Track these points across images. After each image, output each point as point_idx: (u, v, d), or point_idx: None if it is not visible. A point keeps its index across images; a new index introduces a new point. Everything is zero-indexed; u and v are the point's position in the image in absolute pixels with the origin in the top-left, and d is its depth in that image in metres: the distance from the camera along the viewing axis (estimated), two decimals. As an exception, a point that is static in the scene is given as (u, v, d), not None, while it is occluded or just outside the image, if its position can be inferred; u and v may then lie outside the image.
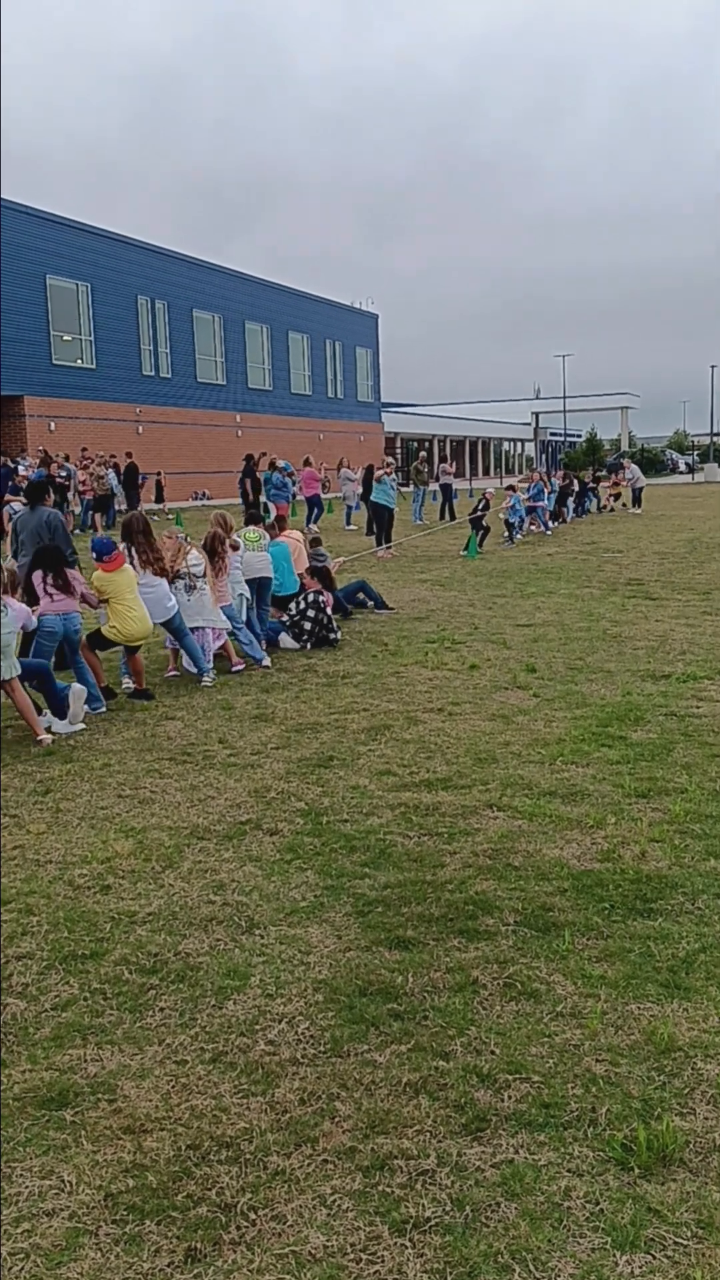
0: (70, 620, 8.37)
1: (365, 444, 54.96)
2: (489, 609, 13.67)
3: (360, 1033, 3.60)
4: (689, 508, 34.43)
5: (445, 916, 4.50)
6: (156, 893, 4.85)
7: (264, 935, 4.39)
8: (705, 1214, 2.72)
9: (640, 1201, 2.77)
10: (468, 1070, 3.35)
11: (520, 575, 17.30)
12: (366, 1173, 2.89)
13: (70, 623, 8.37)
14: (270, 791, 6.28)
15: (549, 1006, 3.76)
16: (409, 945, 4.25)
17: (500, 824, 5.66)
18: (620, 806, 5.87)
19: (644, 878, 4.86)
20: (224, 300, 45.41)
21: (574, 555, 20.31)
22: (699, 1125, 3.09)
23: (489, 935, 4.32)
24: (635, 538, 23.69)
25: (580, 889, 4.75)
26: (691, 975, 3.96)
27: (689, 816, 5.65)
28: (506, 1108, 3.17)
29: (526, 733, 7.51)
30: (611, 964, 4.06)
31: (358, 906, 4.64)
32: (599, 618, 12.63)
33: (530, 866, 5.05)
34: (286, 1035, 3.60)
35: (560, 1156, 2.95)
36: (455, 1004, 3.77)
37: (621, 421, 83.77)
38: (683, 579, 16.16)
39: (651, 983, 3.91)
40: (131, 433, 38.83)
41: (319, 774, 6.63)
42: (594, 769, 6.59)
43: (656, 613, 12.95)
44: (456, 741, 7.32)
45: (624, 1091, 3.25)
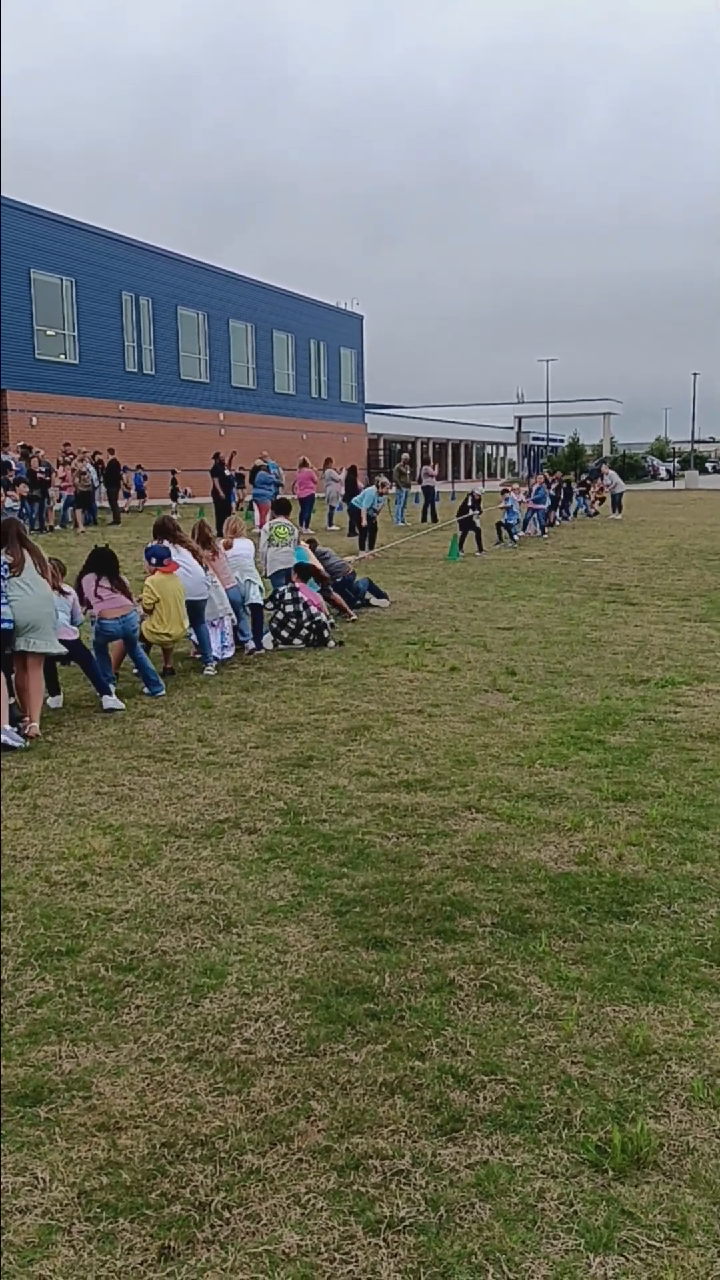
0: (128, 621, 8.73)
1: (348, 445, 54.99)
2: (470, 612, 13.70)
3: (337, 1032, 3.60)
4: (670, 514, 34.60)
5: (423, 917, 4.51)
6: (134, 890, 4.83)
7: (241, 934, 4.38)
8: (678, 1216, 2.73)
9: (614, 1203, 2.78)
10: (443, 1071, 3.36)
11: (501, 579, 17.34)
12: (341, 1172, 2.89)
13: (128, 624, 8.74)
14: (249, 790, 6.27)
15: (525, 1008, 3.77)
16: (386, 945, 4.25)
17: (479, 826, 5.67)
18: (598, 810, 5.89)
19: (621, 881, 4.88)
20: (209, 298, 45.36)
21: (555, 560, 20.38)
22: (673, 1128, 3.10)
23: (466, 936, 4.33)
24: (616, 543, 23.80)
25: (557, 891, 4.77)
26: (667, 979, 3.97)
27: (666, 820, 5.68)
28: (482, 1108, 3.17)
29: (506, 735, 7.53)
30: (588, 966, 4.07)
31: (335, 906, 4.64)
32: (579, 622, 12.69)
33: (508, 868, 5.06)
34: (263, 1034, 3.59)
35: (535, 1158, 2.96)
36: (432, 1004, 3.77)
37: (604, 427, 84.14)
38: (662, 585, 16.25)
39: (627, 985, 3.93)
40: (114, 429, 38.72)
41: (298, 773, 6.63)
42: (572, 772, 6.61)
43: (636, 618, 13.01)
44: (436, 743, 7.33)
45: (599, 1094, 3.26)
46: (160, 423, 41.69)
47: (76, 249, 37.76)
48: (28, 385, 35.22)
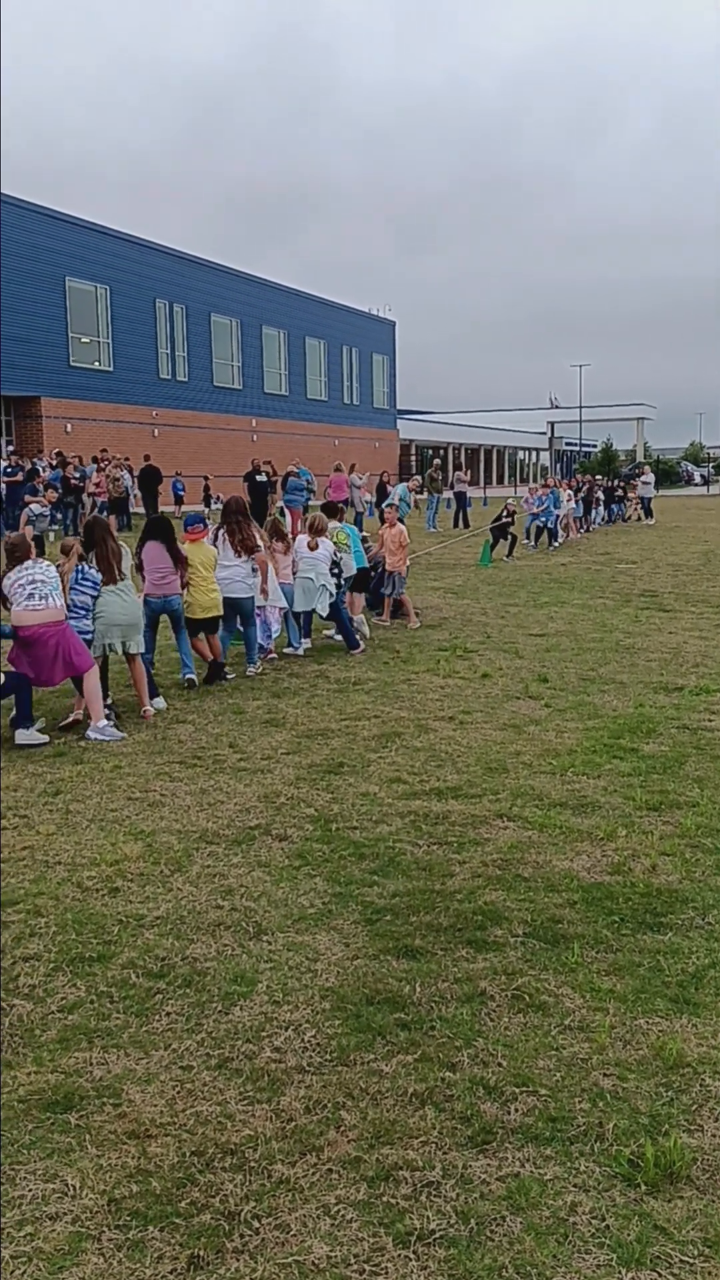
0: (169, 602, 9.15)
1: (380, 451, 55.04)
2: (501, 618, 13.66)
3: (367, 1042, 3.58)
4: (704, 519, 34.33)
5: (454, 926, 4.49)
6: (165, 896, 4.84)
7: (271, 941, 4.38)
8: (712, 1232, 2.70)
9: (647, 1218, 2.75)
10: (474, 1082, 3.34)
11: (533, 585, 17.27)
12: (371, 1183, 2.88)
13: (169, 604, 9.16)
14: (280, 797, 6.28)
15: (557, 1019, 3.74)
16: (417, 954, 4.24)
17: (510, 834, 5.64)
18: (631, 819, 5.84)
19: (654, 891, 4.83)
20: (242, 305, 45.57)
21: (587, 566, 20.27)
22: (707, 1143, 3.06)
23: (497, 946, 4.30)
24: (649, 549, 23.64)
25: (590, 901, 4.73)
26: (701, 991, 3.93)
27: (700, 830, 5.62)
28: (513, 1121, 3.15)
29: (538, 743, 7.49)
30: (620, 978, 4.03)
31: (366, 914, 4.63)
32: (612, 629, 12.60)
33: (540, 878, 5.02)
34: (293, 1043, 3.59)
35: (566, 1171, 2.93)
36: (463, 1015, 3.75)
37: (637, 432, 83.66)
38: (696, 591, 16.12)
39: (660, 997, 3.89)
40: (147, 435, 38.96)
41: (329, 780, 6.62)
42: (605, 781, 6.57)
43: (670, 625, 12.91)
44: (467, 750, 7.31)
45: (631, 1107, 3.22)
46: (194, 429, 41.92)
47: (111, 256, 38.08)
48: (62, 392, 35.53)
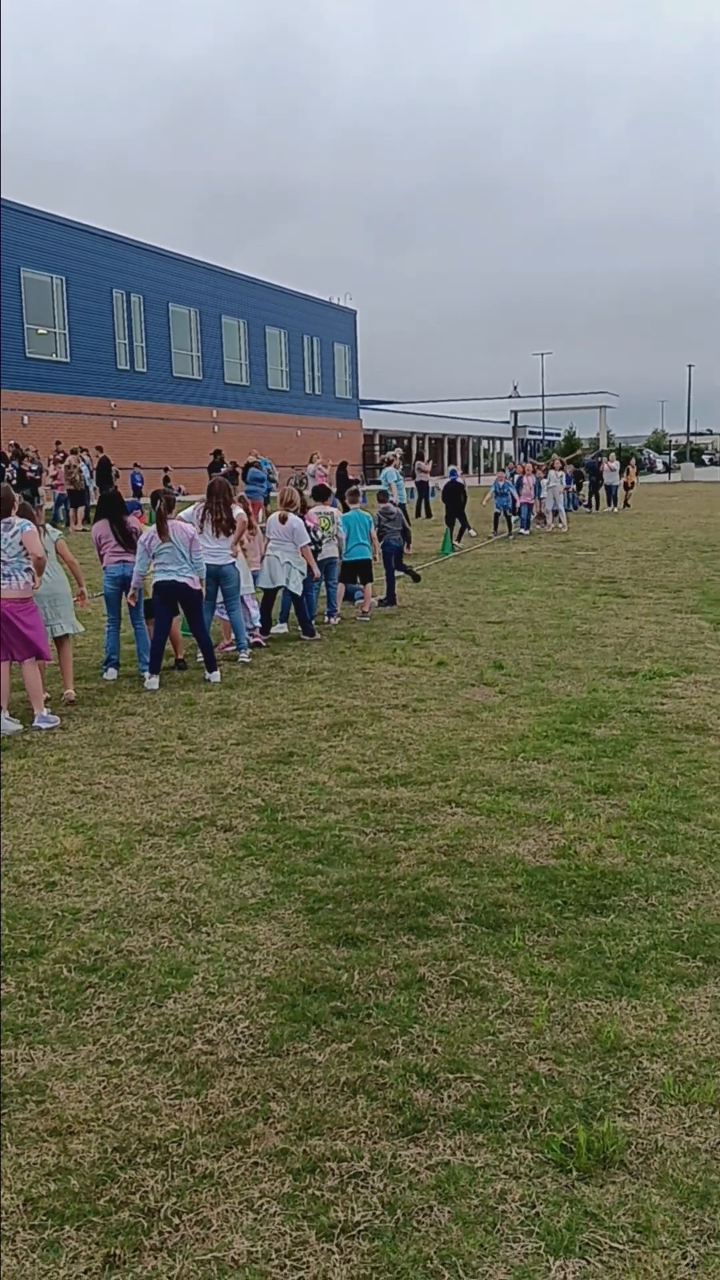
0: (125, 567, 9.30)
1: (343, 440, 54.88)
2: (460, 606, 13.62)
3: (301, 1031, 3.52)
4: (665, 506, 34.51)
5: (396, 913, 4.43)
6: (103, 890, 4.75)
7: (210, 933, 4.30)
8: (643, 1217, 2.66)
9: (577, 1205, 2.71)
10: (408, 1069, 3.28)
11: (493, 573, 17.26)
12: (297, 1176, 2.81)
13: (125, 569, 9.30)
14: (227, 787, 6.19)
15: (495, 1004, 3.69)
16: (357, 942, 4.18)
17: (458, 820, 5.59)
18: (579, 803, 5.81)
19: (599, 874, 4.80)
20: (200, 294, 45.20)
21: (548, 553, 20.29)
22: (641, 1126, 3.02)
23: (439, 932, 4.25)
24: (610, 536, 23.71)
25: (534, 885, 4.69)
26: (641, 973, 3.90)
27: (647, 813, 5.60)
28: (445, 1108, 3.10)
29: (490, 729, 7.45)
30: (561, 961, 3.99)
31: (308, 903, 4.56)
32: (569, 615, 12.61)
33: (485, 863, 4.98)
34: (225, 1034, 3.52)
35: (498, 1158, 2.88)
36: (400, 1001, 3.70)
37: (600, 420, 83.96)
38: (655, 577, 16.17)
39: (600, 980, 3.85)
40: (106, 427, 38.60)
41: (278, 770, 6.55)
42: (555, 765, 6.54)
43: (627, 610, 12.93)
44: (419, 738, 7.25)
45: (567, 1091, 3.18)
46: (153, 420, 41.55)
47: (66, 247, 37.61)
48: (19, 384, 35.07)
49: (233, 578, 10.04)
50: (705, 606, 13.08)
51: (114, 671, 9.35)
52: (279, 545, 10.74)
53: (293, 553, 10.75)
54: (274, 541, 10.76)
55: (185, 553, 9.06)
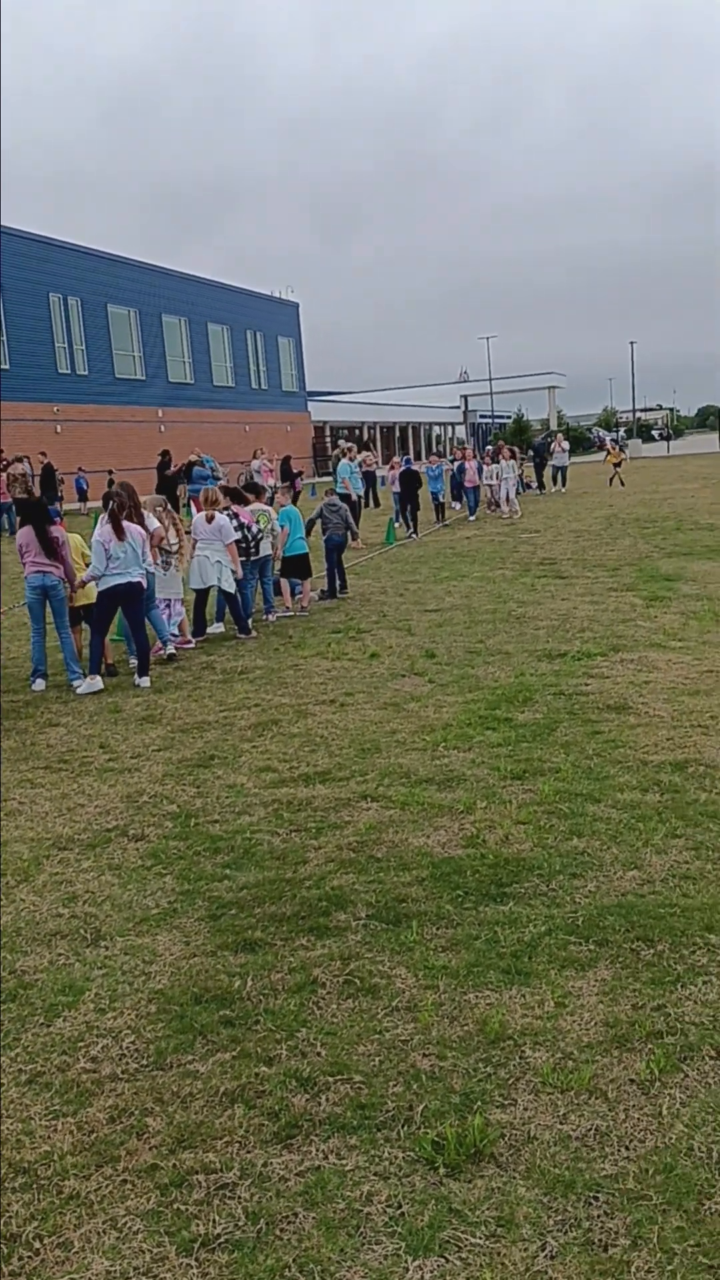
0: (46, 578, 9.12)
1: (293, 433, 54.74)
2: (400, 596, 13.63)
3: (187, 1043, 3.50)
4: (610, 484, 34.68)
5: (297, 915, 4.42)
6: (5, 909, 4.70)
7: (109, 947, 4.27)
8: (507, 1210, 2.67)
9: (443, 1202, 2.71)
10: (289, 1075, 3.27)
11: (436, 560, 17.28)
12: (164, 1191, 2.80)
13: (46, 579, 9.12)
14: (143, 795, 6.15)
15: (385, 1002, 3.69)
16: (255, 947, 4.16)
17: (371, 815, 5.59)
18: (493, 790, 5.83)
19: (503, 861, 4.81)
20: (138, 294, 44.86)
21: (492, 538, 20.34)
22: (517, 1116, 3.03)
23: (338, 931, 4.24)
24: (554, 517, 23.82)
25: (438, 877, 4.69)
26: (534, 959, 3.91)
27: (558, 796, 5.63)
28: (322, 1112, 3.09)
29: (415, 720, 7.45)
30: (456, 953, 4.00)
31: (211, 910, 4.54)
32: (507, 599, 12.65)
33: (393, 857, 4.98)
34: (110, 1051, 3.49)
35: (369, 1160, 2.88)
36: (290, 1006, 3.69)
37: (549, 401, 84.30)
38: (595, 556, 16.26)
39: (493, 970, 3.86)
40: (50, 432, 38.25)
41: (197, 774, 6.52)
42: (474, 753, 6.55)
43: (564, 591, 12.99)
44: (344, 733, 7.25)
45: (446, 1086, 3.19)
46: (98, 423, 41.23)
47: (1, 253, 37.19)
48: (-42, 394, 34.70)
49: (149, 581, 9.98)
50: (641, 583, 13.16)
51: (42, 682, 9.27)
52: (207, 545, 10.70)
53: (222, 551, 10.72)
54: (202, 541, 10.71)
55: (140, 552, 9.08)
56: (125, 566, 8.94)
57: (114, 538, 8.93)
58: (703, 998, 3.58)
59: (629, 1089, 3.13)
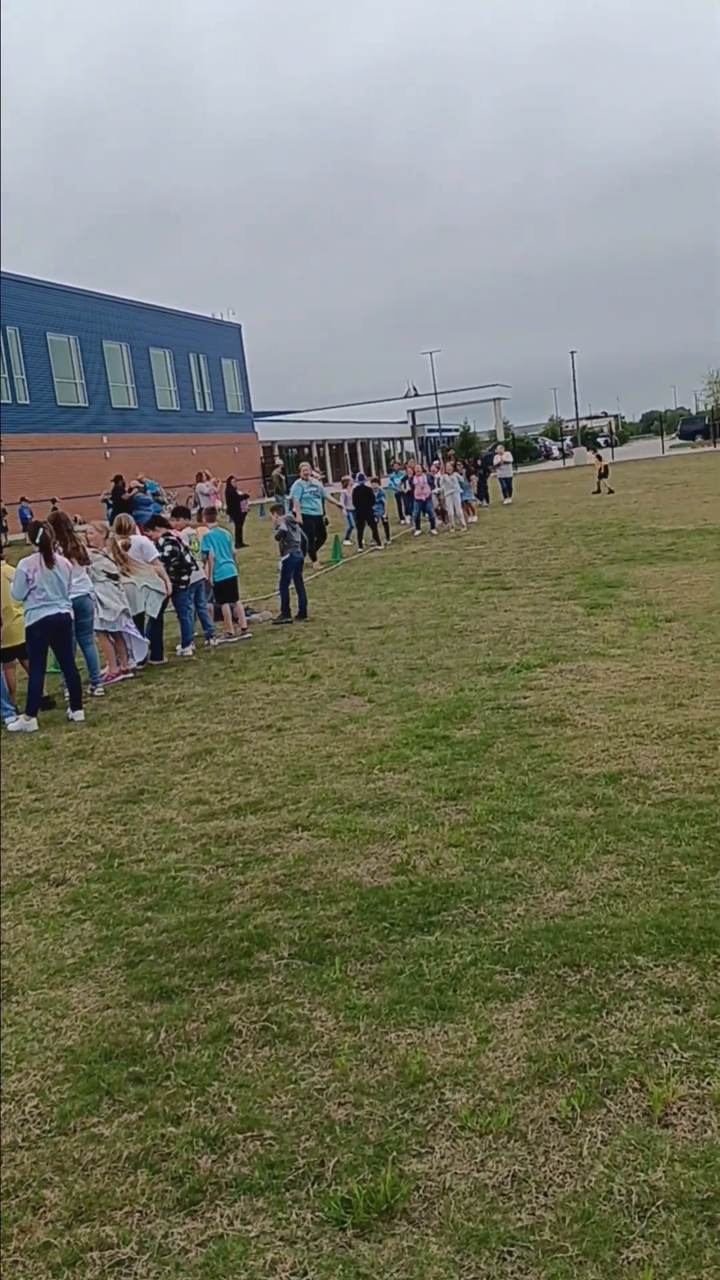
0: None
1: (240, 454, 54.56)
2: (344, 614, 13.52)
3: (93, 1104, 3.33)
4: (557, 493, 34.88)
5: (217, 957, 4.26)
6: None
7: (21, 1002, 4.08)
8: (416, 1272, 2.52)
9: (350, 1266, 2.57)
10: (196, 1134, 3.11)
11: (381, 576, 17.20)
12: (56, 1272, 2.62)
13: None
14: (67, 836, 5.96)
15: (303, 1047, 3.54)
16: (172, 995, 3.99)
17: (301, 845, 5.44)
18: (426, 812, 5.70)
19: (432, 888, 4.68)
20: (77, 321, 44.51)
21: (438, 551, 20.30)
22: (433, 1166, 2.89)
23: (259, 973, 4.09)
24: (500, 527, 23.84)
25: (365, 909, 4.55)
26: (459, 992, 3.78)
27: (492, 815, 5.51)
28: (229, 1173, 2.94)
29: (352, 742, 7.32)
30: (379, 989, 3.86)
31: (129, 957, 4.36)
32: (450, 613, 12.57)
33: (320, 889, 4.83)
34: (11, 1116, 3.31)
35: (275, 1223, 2.73)
36: (203, 1058, 3.52)
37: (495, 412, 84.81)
38: (538, 566, 16.25)
39: (416, 1006, 3.72)
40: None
41: (125, 811, 6.33)
42: (410, 774, 6.43)
43: (507, 602, 12.95)
44: (279, 759, 7.09)
45: (360, 1137, 3.04)
46: (40, 452, 40.76)
47: (-67, 284, 36.76)
48: None
49: (89, 609, 9.86)
50: (583, 591, 13.14)
51: None
52: (134, 569, 10.55)
53: (150, 577, 10.60)
54: None
55: (68, 583, 8.92)
56: (50, 598, 8.74)
57: (40, 566, 8.74)
58: (628, 1024, 3.46)
59: (549, 1129, 3.00)
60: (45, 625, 8.72)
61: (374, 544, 22.38)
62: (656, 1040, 3.36)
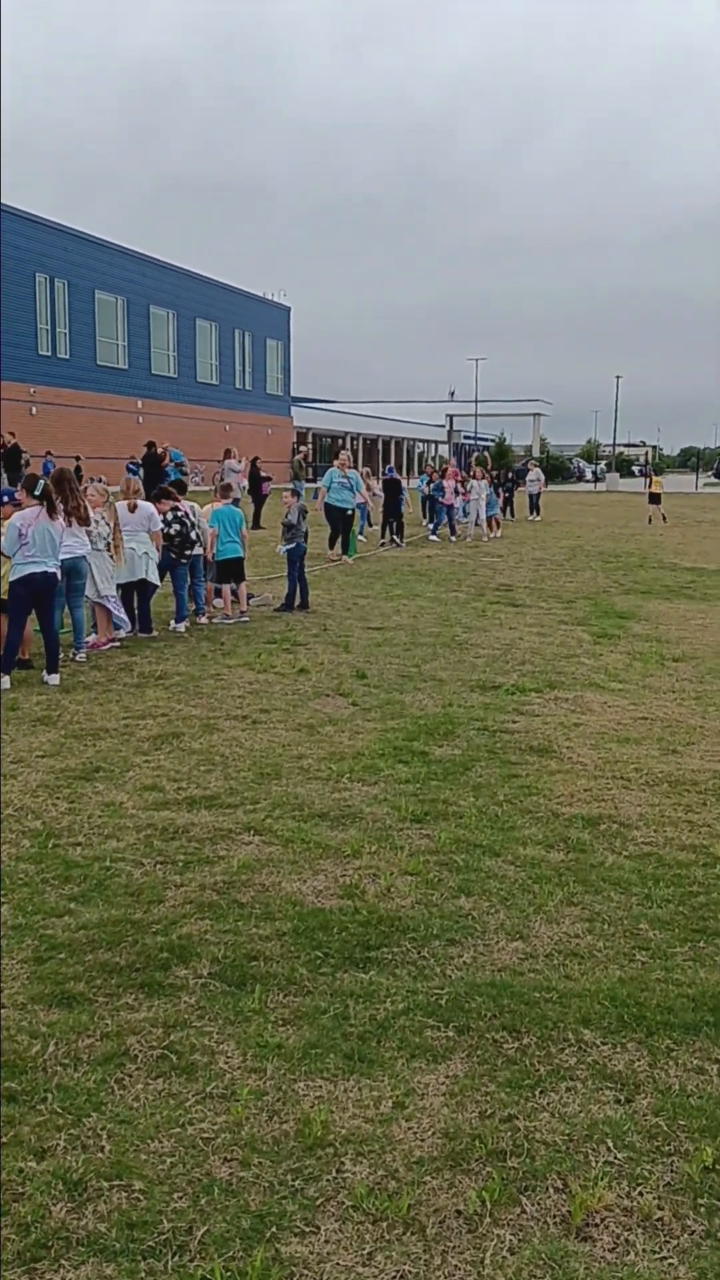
0: None
1: (273, 437, 54.18)
2: (347, 610, 13.14)
3: (-46, 1122, 2.98)
4: (583, 515, 34.45)
5: (132, 966, 3.91)
6: None
7: None
8: None
9: None
10: (58, 1175, 2.75)
11: (392, 577, 16.83)
12: None
13: None
14: (8, 808, 5.61)
15: (201, 1085, 3.18)
16: (73, 1002, 3.64)
17: (250, 851, 5.08)
18: (388, 833, 5.34)
19: (377, 919, 4.32)
20: (129, 283, 44.21)
21: (453, 559, 19.92)
22: (313, 1251, 2.54)
23: (172, 991, 3.73)
24: (520, 543, 23.44)
25: (301, 933, 4.19)
26: (383, 1044, 3.42)
27: (456, 845, 5.15)
28: (83, 1228, 2.58)
29: (326, 745, 6.96)
30: (298, 1028, 3.50)
31: (39, 952, 4.01)
32: (454, 623, 12.20)
33: (258, 903, 4.47)
34: None
35: (120, 1299, 2.38)
36: (88, 1082, 3.17)
37: (534, 428, 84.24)
38: (552, 586, 15.86)
39: (334, 1053, 3.36)
40: (24, 413, 37.49)
41: (76, 787, 5.99)
42: (379, 788, 6.06)
43: (514, 620, 12.56)
44: (247, 754, 6.74)
45: (240, 1203, 2.68)
46: (74, 409, 40.48)
47: (-13, 227, 36.47)
48: (-69, 366, 33.91)
49: (84, 572, 9.53)
50: (594, 618, 12.76)
51: None
52: (132, 536, 10.22)
53: (147, 542, 10.30)
54: (127, 533, 10.21)
55: (59, 541, 8.62)
56: (40, 554, 8.40)
57: (34, 521, 8.41)
58: (561, 1109, 3.10)
59: (453, 1224, 2.64)
60: (29, 583, 8.38)
61: (394, 541, 22.05)
62: (590, 1133, 3.00)
